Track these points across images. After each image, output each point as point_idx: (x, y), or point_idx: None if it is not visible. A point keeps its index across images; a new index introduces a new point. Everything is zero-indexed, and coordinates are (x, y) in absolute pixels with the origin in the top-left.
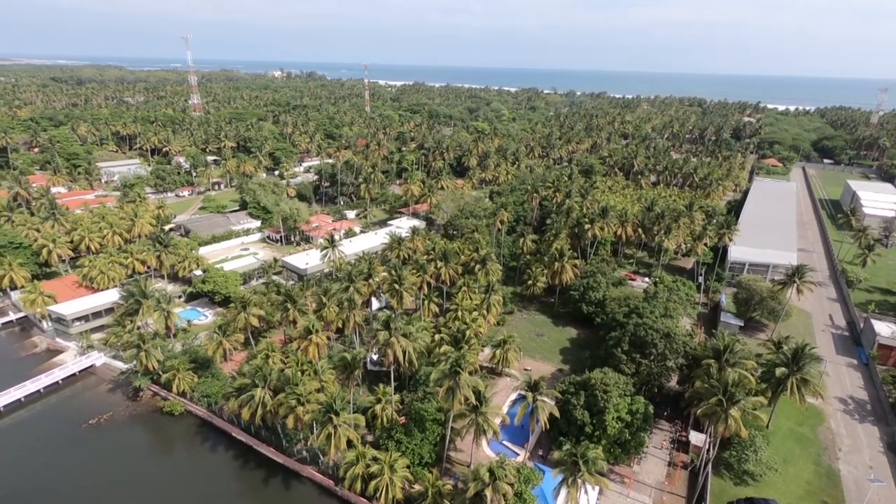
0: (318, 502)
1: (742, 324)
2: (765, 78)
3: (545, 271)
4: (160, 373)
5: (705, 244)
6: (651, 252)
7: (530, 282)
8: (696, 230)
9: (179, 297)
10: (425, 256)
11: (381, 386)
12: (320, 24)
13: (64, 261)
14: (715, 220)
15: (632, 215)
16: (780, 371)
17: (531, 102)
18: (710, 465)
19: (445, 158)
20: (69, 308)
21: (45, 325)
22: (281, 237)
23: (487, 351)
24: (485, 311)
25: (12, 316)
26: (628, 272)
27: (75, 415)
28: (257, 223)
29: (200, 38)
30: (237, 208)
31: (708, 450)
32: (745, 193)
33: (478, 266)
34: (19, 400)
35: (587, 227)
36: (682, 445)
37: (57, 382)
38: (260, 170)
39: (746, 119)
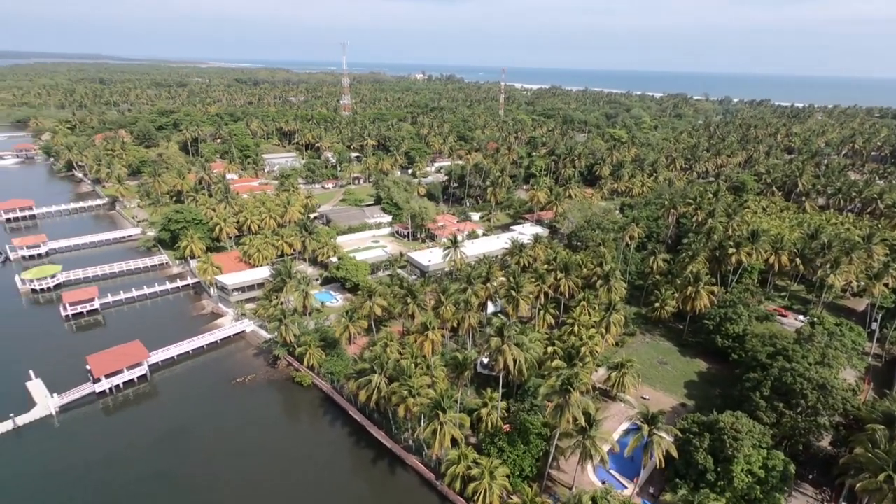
0: (418, 492)
1: None
2: None
3: (676, 295)
4: (295, 346)
5: (885, 284)
6: (810, 287)
7: (657, 304)
8: (875, 267)
9: (317, 279)
10: (545, 266)
11: (488, 390)
12: (461, 28)
13: (230, 238)
14: None
15: (789, 242)
16: None
17: (677, 109)
18: None
19: (576, 166)
20: (231, 279)
21: (212, 291)
22: (408, 233)
23: (602, 372)
24: (603, 330)
25: (189, 281)
26: (778, 307)
27: (227, 372)
28: (388, 218)
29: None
30: (372, 202)
31: None
32: None
33: (600, 281)
34: (188, 352)
35: (731, 251)
36: None
37: (216, 342)
38: (395, 168)
39: None
